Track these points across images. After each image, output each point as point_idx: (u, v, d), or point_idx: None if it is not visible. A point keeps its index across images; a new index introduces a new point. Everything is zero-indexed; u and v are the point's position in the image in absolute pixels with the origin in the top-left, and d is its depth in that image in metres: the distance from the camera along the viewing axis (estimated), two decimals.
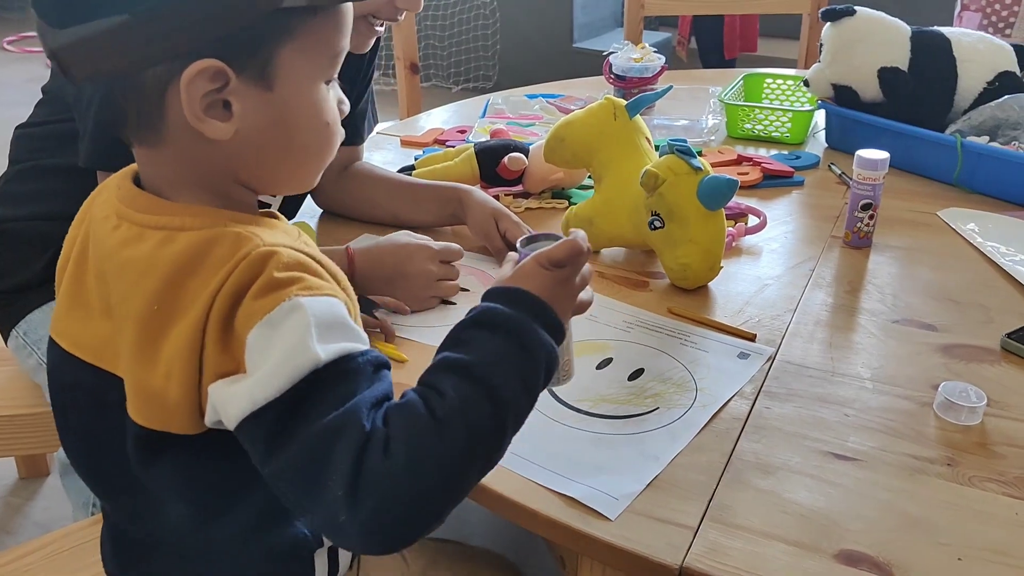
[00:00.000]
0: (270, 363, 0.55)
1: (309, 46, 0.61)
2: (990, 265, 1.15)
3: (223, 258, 0.58)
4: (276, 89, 0.61)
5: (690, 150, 1.05)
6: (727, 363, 0.94)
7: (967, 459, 0.79)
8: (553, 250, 0.67)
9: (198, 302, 0.57)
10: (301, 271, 0.58)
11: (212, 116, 0.59)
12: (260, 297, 0.56)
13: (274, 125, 0.62)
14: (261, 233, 0.60)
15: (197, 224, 0.60)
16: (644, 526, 0.72)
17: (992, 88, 1.44)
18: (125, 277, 0.60)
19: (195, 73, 0.57)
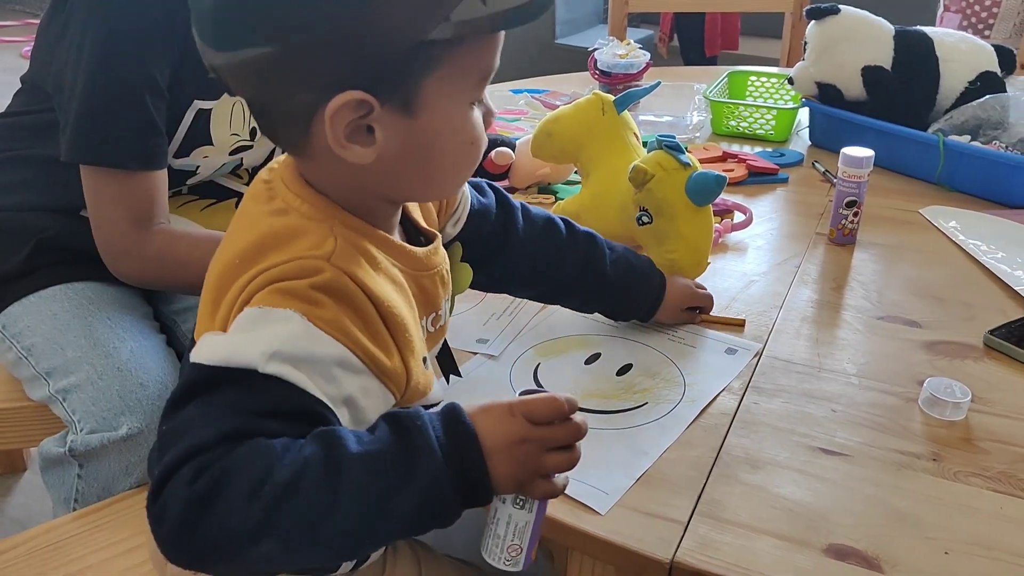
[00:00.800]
0: (235, 336, 0.58)
1: (455, 73, 0.60)
2: (972, 262, 1.16)
3: (300, 248, 0.60)
4: (420, 117, 0.61)
5: (679, 146, 1.05)
6: (715, 359, 0.94)
7: (952, 454, 0.79)
8: (533, 401, 0.59)
9: (259, 266, 0.60)
10: (331, 296, 0.59)
11: (354, 142, 0.60)
12: (284, 293, 0.58)
13: (417, 150, 0.62)
14: (344, 246, 0.61)
15: (309, 212, 0.63)
16: (634, 520, 0.72)
17: (974, 88, 1.46)
18: (246, 218, 0.65)
19: (340, 105, 0.58)
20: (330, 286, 0.59)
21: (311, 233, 0.61)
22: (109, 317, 1.07)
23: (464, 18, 0.57)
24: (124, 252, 1.01)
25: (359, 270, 0.61)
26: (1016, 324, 0.98)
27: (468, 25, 0.57)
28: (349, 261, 0.61)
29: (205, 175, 1.16)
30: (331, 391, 0.59)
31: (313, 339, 0.58)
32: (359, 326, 0.60)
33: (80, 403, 1.00)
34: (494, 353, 0.94)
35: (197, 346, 0.59)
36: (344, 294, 0.60)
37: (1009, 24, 2.36)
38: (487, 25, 0.58)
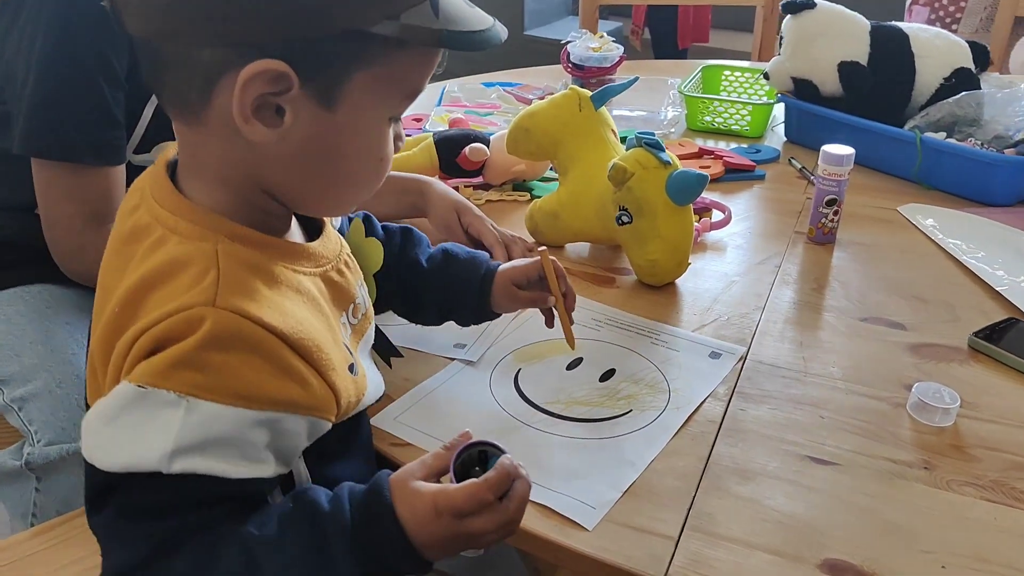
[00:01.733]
0: (121, 433, 0.53)
1: (386, 78, 0.56)
2: (952, 262, 1.15)
3: (179, 288, 0.54)
4: (338, 112, 0.56)
5: (659, 143, 1.03)
6: (699, 363, 0.92)
7: (943, 463, 0.78)
8: (457, 496, 0.56)
9: (140, 322, 0.54)
10: (222, 348, 0.53)
11: (259, 118, 0.54)
12: (162, 366, 0.52)
13: (322, 146, 0.57)
14: (231, 273, 0.55)
15: (188, 232, 0.56)
16: (623, 536, 0.69)
17: (949, 84, 1.45)
18: (120, 264, 0.58)
19: (256, 72, 0.52)
20: (219, 337, 0.52)
21: (191, 263, 0.55)
22: (67, 322, 1.02)
23: (413, 23, 0.53)
24: (77, 251, 0.96)
25: (251, 302, 0.54)
26: (1000, 326, 0.97)
27: (414, 31, 0.53)
28: (237, 293, 0.54)
29: None
30: (252, 455, 0.55)
31: (211, 419, 0.53)
32: (265, 370, 0.55)
33: (38, 413, 0.95)
34: (472, 359, 0.91)
35: (92, 441, 0.54)
36: (238, 340, 0.53)
37: (976, 19, 2.37)
38: (433, 38, 0.55)
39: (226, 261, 0.55)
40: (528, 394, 0.86)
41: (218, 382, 0.53)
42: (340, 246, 0.68)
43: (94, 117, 0.92)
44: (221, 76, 0.53)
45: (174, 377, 0.52)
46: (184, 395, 0.52)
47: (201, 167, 0.58)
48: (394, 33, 0.53)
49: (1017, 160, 1.31)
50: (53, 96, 0.91)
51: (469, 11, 0.58)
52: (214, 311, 0.53)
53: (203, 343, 0.52)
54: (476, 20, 0.58)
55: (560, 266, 0.86)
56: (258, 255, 0.58)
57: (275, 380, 0.55)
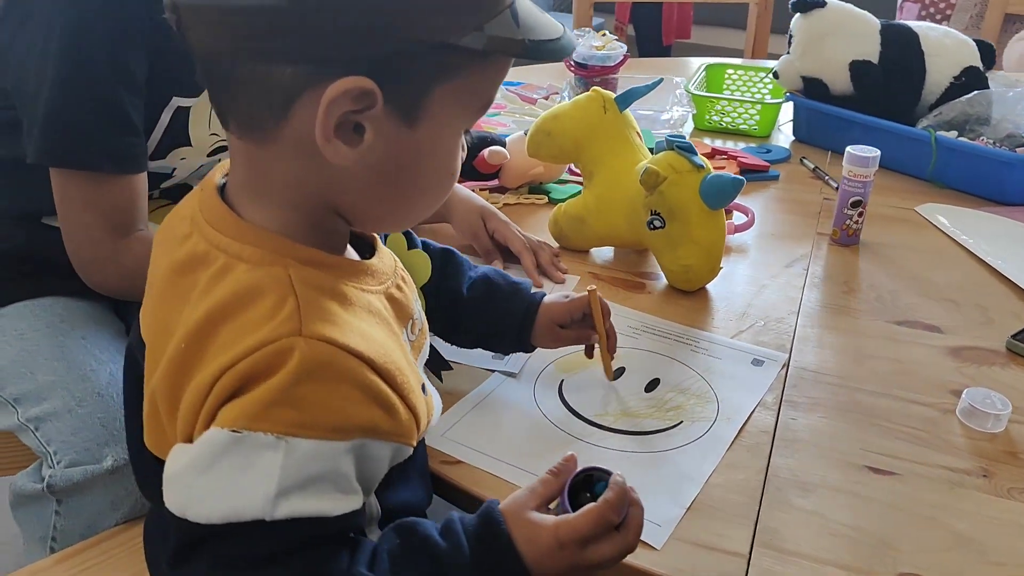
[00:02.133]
0: (217, 482, 0.49)
1: (466, 90, 0.54)
2: (977, 263, 1.15)
3: (257, 318, 0.51)
4: (418, 128, 0.53)
5: (690, 146, 1.01)
6: (742, 370, 0.90)
7: (1001, 469, 0.77)
8: (580, 524, 0.56)
9: (216, 361, 0.50)
10: (315, 379, 0.50)
11: (339, 138, 0.51)
12: (256, 407, 0.49)
13: (399, 164, 0.54)
14: (309, 299, 0.52)
15: (256, 257, 0.53)
16: (693, 555, 0.67)
17: (959, 83, 1.45)
18: (178, 297, 0.54)
19: (344, 90, 0.49)
20: (311, 369, 0.50)
21: (266, 291, 0.52)
22: (83, 336, 0.98)
23: (497, 34, 0.51)
24: (100, 261, 0.92)
25: (335, 328, 0.52)
26: None
27: (500, 43, 0.51)
28: (320, 320, 0.51)
29: (181, 178, 1.07)
30: (346, 488, 0.53)
31: (310, 456, 0.50)
32: (356, 398, 0.52)
33: (57, 433, 0.91)
34: (513, 371, 0.89)
35: (183, 494, 0.50)
36: (329, 369, 0.51)
37: (966, 16, 2.39)
38: (518, 48, 0.52)
39: (301, 286, 0.52)
40: (575, 406, 0.84)
41: (314, 417, 0.50)
42: (394, 261, 0.65)
43: (112, 124, 0.88)
44: (301, 94, 0.50)
45: (270, 417, 0.49)
46: (282, 435, 0.49)
47: (267, 187, 0.55)
48: (480, 45, 0.50)
49: None
50: (69, 104, 0.87)
51: (543, 18, 0.55)
52: (303, 341, 0.50)
53: (296, 377, 0.49)
54: (551, 28, 0.55)
55: (607, 304, 0.84)
56: (328, 277, 0.55)
57: (364, 407, 0.53)
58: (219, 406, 0.50)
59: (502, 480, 0.74)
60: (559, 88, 1.74)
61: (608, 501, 0.57)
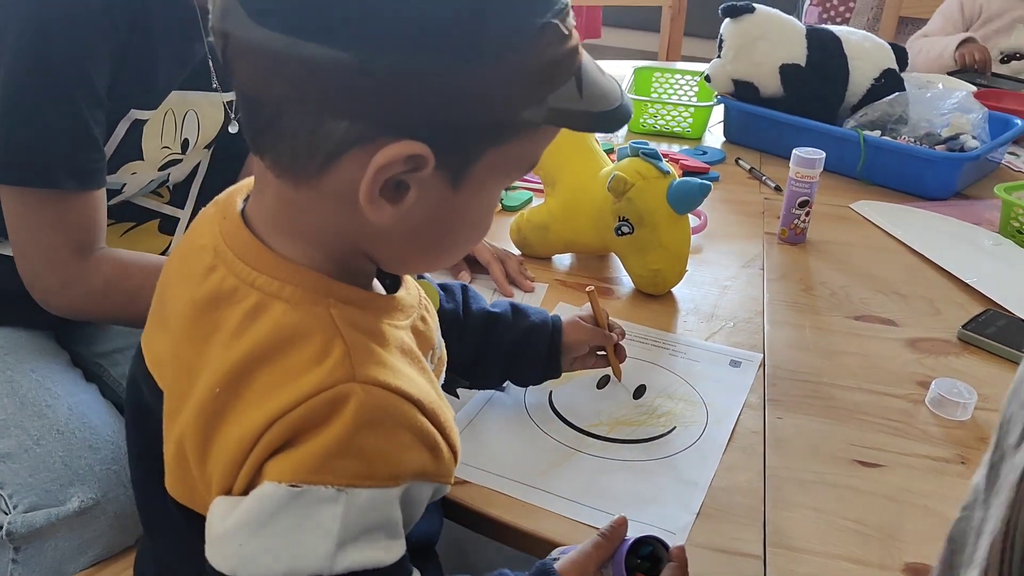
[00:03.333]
0: (275, 540, 0.47)
1: (515, 154, 0.51)
2: (916, 256, 1.21)
3: (306, 362, 0.48)
4: (462, 191, 0.50)
5: (656, 153, 1.02)
6: (721, 372, 0.92)
7: (975, 456, 0.81)
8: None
9: (261, 409, 0.47)
10: (373, 428, 0.48)
11: (383, 196, 0.48)
12: (315, 459, 0.46)
13: (439, 223, 0.52)
14: (356, 342, 0.49)
15: (296, 297, 0.50)
16: (712, 560, 0.68)
17: (879, 85, 1.53)
18: (204, 335, 0.51)
19: (398, 155, 0.46)
20: (370, 416, 0.47)
21: (310, 333, 0.49)
22: (33, 369, 0.92)
23: (559, 106, 0.48)
24: (63, 285, 0.85)
25: (387, 371, 0.49)
26: (982, 318, 1.03)
27: (562, 115, 0.49)
28: (371, 363, 0.49)
29: (129, 194, 1.01)
30: (396, 533, 0.51)
31: (369, 506, 0.48)
32: (411, 443, 0.50)
33: (12, 475, 0.85)
34: (500, 386, 0.88)
35: (236, 552, 0.47)
36: (387, 415, 0.49)
37: (863, 18, 2.52)
38: (580, 122, 0.50)
39: (346, 328, 0.50)
40: (568, 417, 0.84)
41: (374, 466, 0.48)
42: (418, 291, 0.63)
43: (75, 139, 0.82)
44: (349, 150, 0.47)
45: (331, 469, 0.46)
46: (343, 487, 0.47)
47: (297, 226, 0.52)
48: (541, 119, 0.48)
49: (951, 156, 1.39)
50: (26, 116, 0.80)
51: (606, 82, 0.52)
52: (358, 387, 0.47)
53: (356, 425, 0.47)
54: (611, 92, 0.52)
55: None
56: (367, 315, 0.52)
57: (416, 452, 0.50)
58: (267, 457, 0.47)
59: (511, 498, 0.74)
60: None
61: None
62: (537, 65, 0.47)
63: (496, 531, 0.73)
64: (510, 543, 0.73)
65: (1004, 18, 2.09)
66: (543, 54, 0.47)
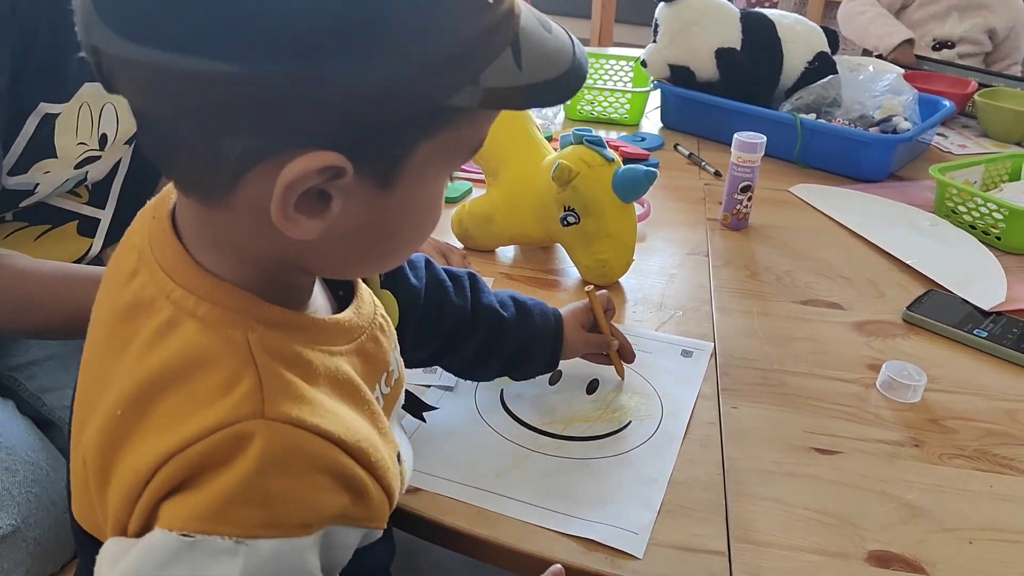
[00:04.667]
0: None
1: (454, 143, 0.45)
2: (856, 239, 1.22)
3: (211, 391, 0.43)
4: (395, 189, 0.45)
5: (600, 140, 1.00)
6: (673, 363, 0.91)
7: (929, 437, 0.81)
8: None
9: (159, 442, 0.42)
10: (279, 470, 0.43)
11: (302, 211, 0.42)
12: (212, 506, 0.41)
13: (377, 226, 0.46)
14: (271, 373, 0.44)
15: (212, 316, 0.45)
16: (676, 559, 0.66)
17: (812, 68, 1.54)
18: (118, 346, 0.46)
19: (306, 169, 0.40)
20: (278, 458, 0.43)
21: (219, 358, 0.44)
22: None
23: (495, 85, 0.42)
24: None
25: (304, 406, 0.44)
26: (925, 298, 1.04)
27: (498, 96, 0.43)
28: (286, 397, 0.44)
29: (43, 194, 0.94)
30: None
31: (273, 558, 0.43)
32: (328, 486, 0.45)
33: None
34: (449, 384, 0.85)
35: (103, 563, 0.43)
36: (299, 457, 0.44)
37: (792, 1, 2.54)
38: (518, 100, 0.44)
39: (262, 355, 0.45)
40: (521, 416, 0.81)
41: (280, 515, 0.43)
42: (374, 306, 0.57)
43: None
44: (254, 167, 0.41)
45: (229, 518, 0.41)
46: (243, 539, 0.42)
47: (218, 241, 0.47)
48: (475, 102, 0.42)
49: (886, 138, 1.41)
50: None
51: (552, 41, 0.45)
52: (265, 424, 0.42)
53: (261, 468, 0.42)
54: (560, 52, 0.45)
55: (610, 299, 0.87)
56: (294, 341, 0.47)
57: (335, 495, 0.46)
58: (162, 498, 0.42)
59: (466, 504, 0.70)
60: None
61: None
62: (457, 45, 0.41)
63: (450, 539, 0.70)
64: (465, 551, 0.70)
65: (941, 4, 2.12)
66: (462, 31, 0.41)
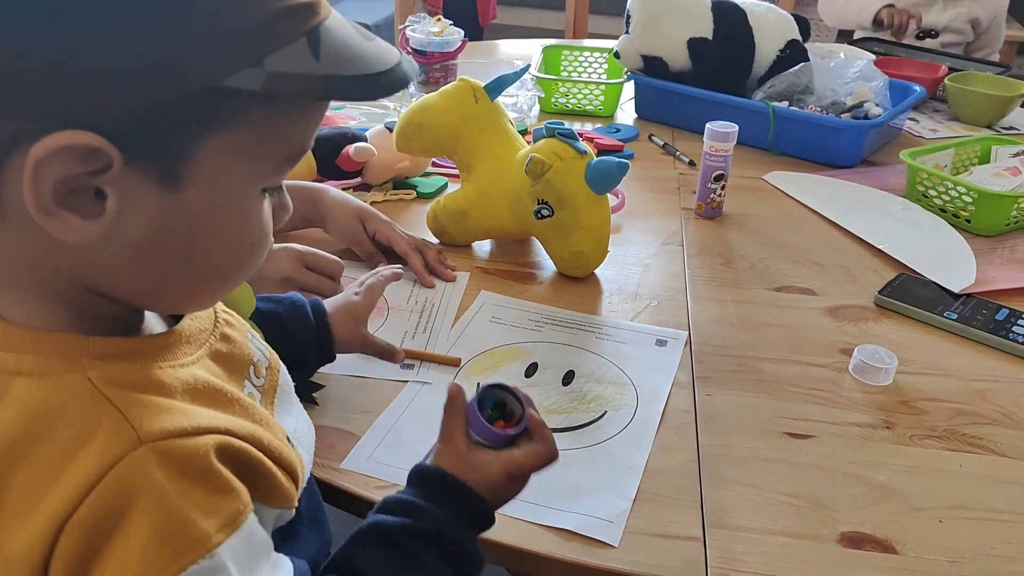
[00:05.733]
0: None
1: (252, 142, 0.42)
2: (828, 224, 1.23)
3: (71, 444, 0.40)
4: (185, 191, 0.41)
5: (572, 133, 1.01)
6: (648, 353, 0.91)
7: (900, 419, 0.83)
8: (530, 463, 0.61)
9: (31, 522, 0.39)
10: (191, 484, 0.41)
11: (69, 208, 0.39)
12: (152, 546, 0.39)
13: (169, 238, 0.42)
14: (132, 395, 0.42)
15: (40, 368, 0.41)
16: (651, 546, 0.67)
17: (784, 56, 1.54)
18: None
19: (56, 147, 0.37)
20: (177, 475, 0.41)
21: (64, 411, 0.40)
22: None
23: (284, 70, 0.40)
24: None
25: (173, 416, 0.42)
26: (897, 282, 1.05)
27: (285, 81, 0.40)
28: (153, 415, 0.42)
29: None
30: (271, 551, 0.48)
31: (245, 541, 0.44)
32: (232, 471, 0.44)
33: None
34: (427, 380, 0.85)
35: None
36: (194, 461, 0.42)
37: None
38: (313, 88, 0.41)
39: (112, 389, 0.42)
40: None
41: (221, 512, 0.42)
42: (212, 308, 0.54)
43: None
44: (11, 153, 0.38)
45: (174, 557, 0.40)
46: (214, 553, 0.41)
47: (10, 273, 0.43)
48: (257, 85, 0.39)
49: (857, 124, 1.42)
50: None
51: (364, 45, 0.43)
52: (150, 449, 0.40)
53: (164, 495, 0.40)
54: (374, 57, 0.43)
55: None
56: (137, 368, 0.44)
57: (247, 479, 0.46)
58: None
59: None
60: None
61: (548, 441, 0.61)
62: (232, 25, 0.39)
63: None
64: None
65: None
66: (239, 12, 0.39)
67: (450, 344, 0.91)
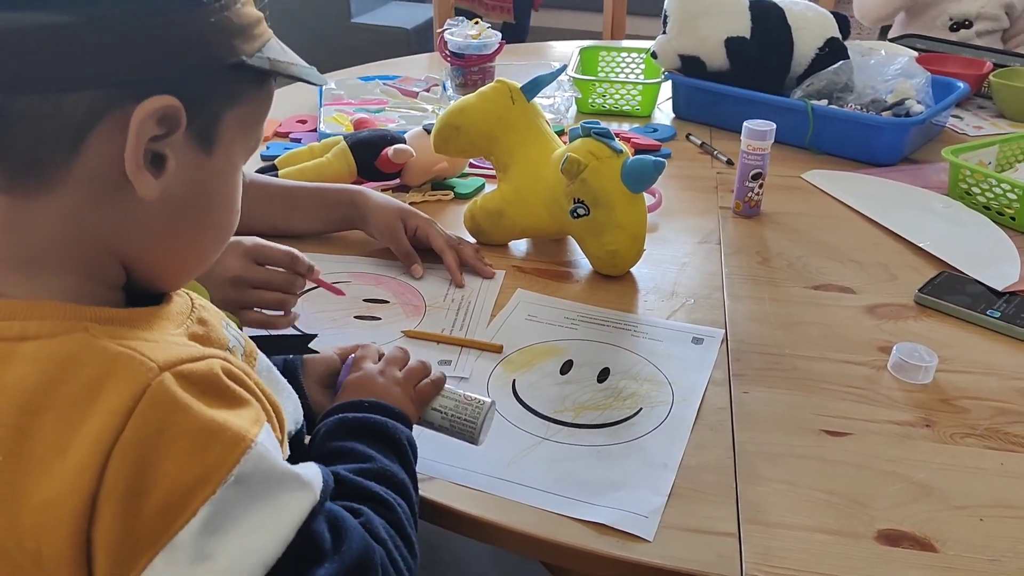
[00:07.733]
0: (254, 529, 0.46)
1: (248, 117, 0.52)
2: (868, 223, 1.22)
3: (92, 383, 0.43)
4: (214, 156, 0.50)
5: (608, 132, 1.01)
6: (685, 350, 0.91)
7: (940, 418, 0.82)
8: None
9: (70, 456, 0.42)
10: (217, 398, 0.47)
11: (146, 167, 0.47)
12: (198, 453, 0.44)
13: (197, 196, 0.51)
14: (140, 344, 0.45)
15: (48, 329, 0.45)
16: (686, 541, 0.67)
17: (823, 54, 1.53)
18: None
19: (153, 109, 0.45)
20: (202, 390, 0.46)
21: (77, 357, 0.44)
22: None
23: (274, 57, 0.51)
24: None
25: (179, 347, 0.48)
26: (938, 280, 1.04)
27: (279, 65, 0.51)
28: (163, 353, 0.45)
29: None
30: None
31: (257, 460, 0.47)
32: (250, 388, 0.51)
33: None
34: (464, 375, 0.86)
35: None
36: (213, 380, 0.47)
37: None
38: (294, 71, 0.53)
39: (115, 341, 0.45)
40: (533, 405, 0.82)
41: (239, 426, 0.46)
42: (187, 296, 0.56)
43: None
44: (96, 123, 0.44)
45: (215, 464, 0.45)
46: (251, 445, 0.46)
47: (29, 252, 0.47)
48: (266, 65, 0.50)
49: (898, 121, 1.40)
50: None
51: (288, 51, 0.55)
52: (170, 374, 0.44)
53: (196, 409, 0.44)
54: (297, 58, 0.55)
55: None
56: (134, 332, 0.47)
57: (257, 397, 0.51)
58: (134, 497, 0.42)
59: (480, 492, 0.72)
60: (438, 79, 1.71)
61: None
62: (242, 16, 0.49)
63: (465, 526, 0.71)
64: (480, 537, 0.71)
65: None
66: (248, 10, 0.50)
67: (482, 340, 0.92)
